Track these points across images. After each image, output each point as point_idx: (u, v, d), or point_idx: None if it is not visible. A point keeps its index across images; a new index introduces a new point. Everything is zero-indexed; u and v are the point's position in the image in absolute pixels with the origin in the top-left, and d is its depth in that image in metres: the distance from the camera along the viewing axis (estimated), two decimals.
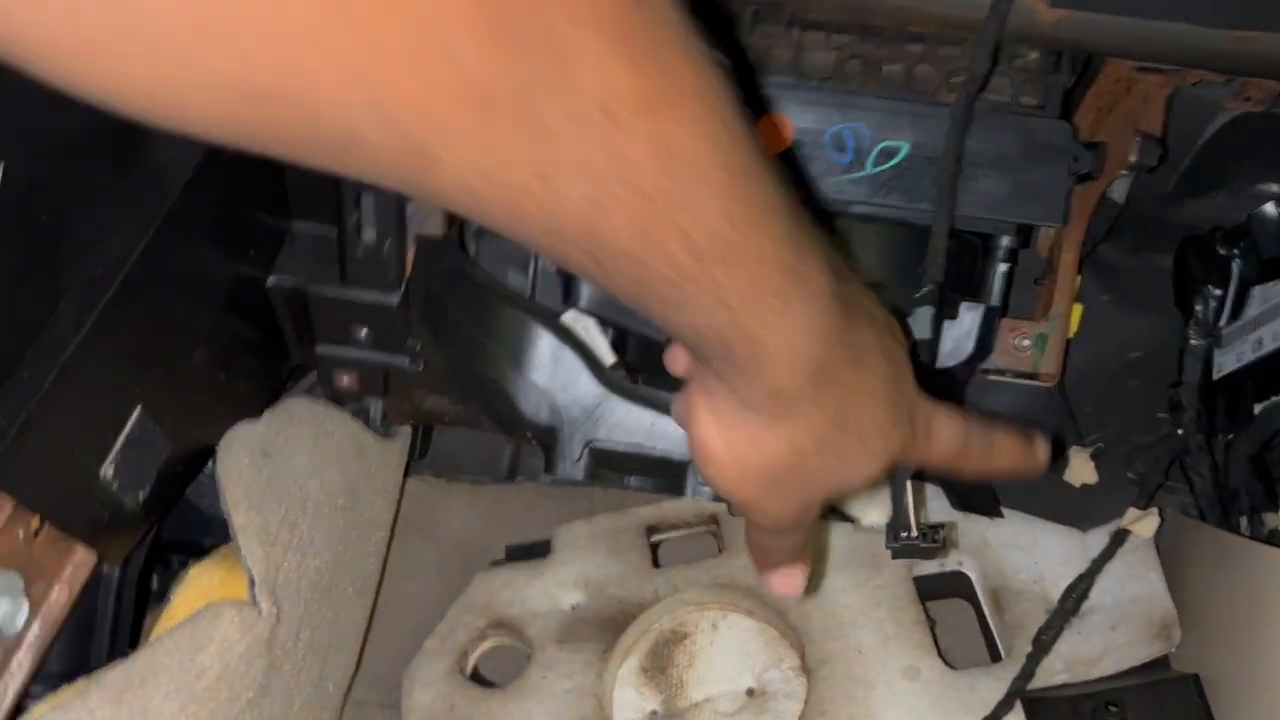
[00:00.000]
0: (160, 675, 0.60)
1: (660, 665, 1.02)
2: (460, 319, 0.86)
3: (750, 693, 0.99)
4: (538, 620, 1.02)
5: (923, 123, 0.88)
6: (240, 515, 0.69)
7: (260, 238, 0.76)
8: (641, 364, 0.97)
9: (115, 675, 0.59)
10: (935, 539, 0.72)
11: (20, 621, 0.63)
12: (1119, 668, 0.95)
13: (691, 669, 1.01)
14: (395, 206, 0.73)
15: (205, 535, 0.81)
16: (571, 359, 0.91)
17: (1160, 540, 0.99)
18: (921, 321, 0.80)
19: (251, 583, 0.68)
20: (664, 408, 0.92)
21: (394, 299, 0.76)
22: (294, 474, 0.77)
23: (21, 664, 0.63)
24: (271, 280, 0.76)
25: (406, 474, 1.07)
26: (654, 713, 0.99)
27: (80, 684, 0.60)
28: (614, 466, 0.93)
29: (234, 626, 0.64)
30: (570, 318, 0.95)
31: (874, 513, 1.05)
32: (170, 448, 0.69)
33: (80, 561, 0.64)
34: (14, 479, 0.58)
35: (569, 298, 0.94)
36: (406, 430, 1.01)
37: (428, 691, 0.99)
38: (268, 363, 0.83)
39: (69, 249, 0.60)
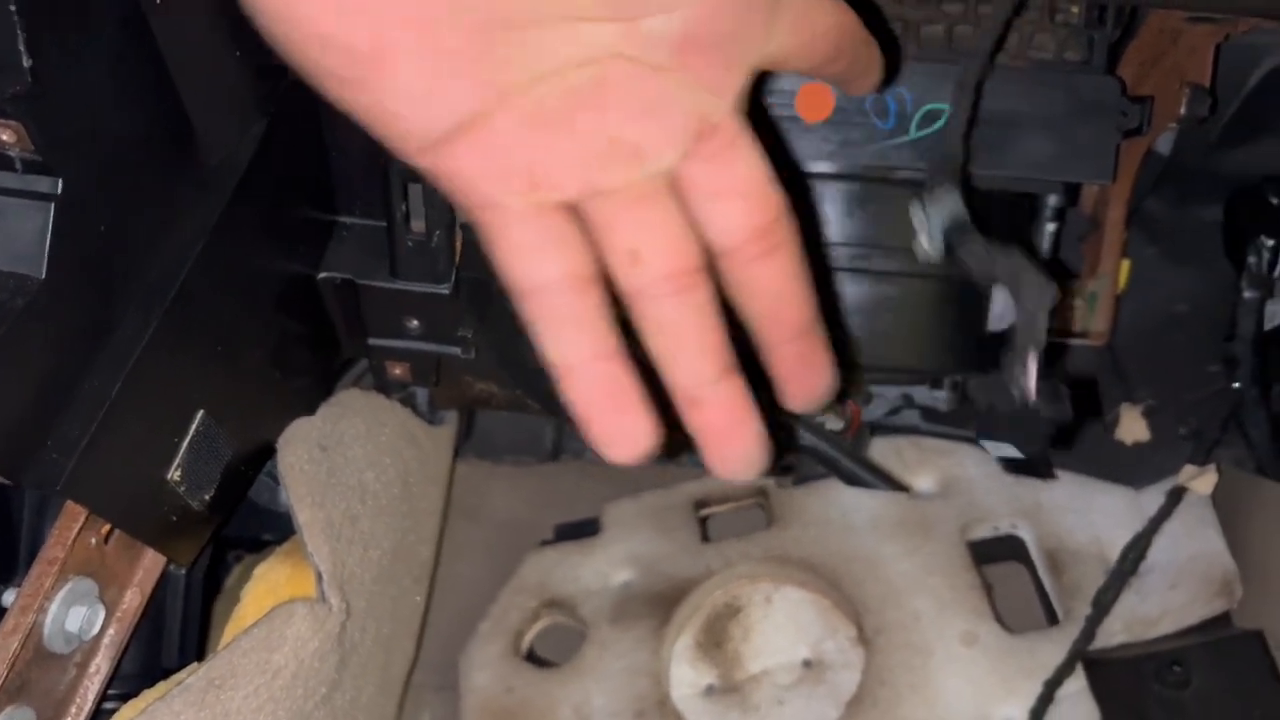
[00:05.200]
0: (239, 677, 0.60)
1: (715, 640, 1.02)
2: (507, 302, 0.85)
3: (807, 664, 0.99)
4: (590, 599, 1.02)
5: (965, 85, 0.86)
6: (305, 512, 0.69)
7: (309, 233, 0.76)
8: None
9: (196, 680, 0.60)
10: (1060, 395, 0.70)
11: (97, 626, 0.63)
12: (1179, 626, 0.94)
13: (747, 642, 1.01)
14: (443, 197, 0.72)
15: (262, 530, 0.82)
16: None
17: (1218, 496, 0.98)
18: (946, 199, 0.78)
19: (320, 579, 0.68)
20: None
21: (445, 289, 0.76)
22: (351, 467, 0.77)
23: (99, 668, 0.64)
24: (321, 275, 0.76)
25: (454, 458, 1.08)
26: (710, 687, 1.00)
27: (162, 687, 0.60)
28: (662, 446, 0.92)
29: (306, 624, 0.64)
30: None
31: (924, 480, 1.04)
32: (233, 448, 0.70)
33: (150, 565, 0.65)
34: (86, 488, 0.58)
35: None
36: (454, 415, 1.01)
37: (484, 673, 0.99)
38: (320, 357, 0.83)
39: (129, 258, 0.60)
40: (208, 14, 0.62)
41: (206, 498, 0.68)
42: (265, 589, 0.70)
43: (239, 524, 0.82)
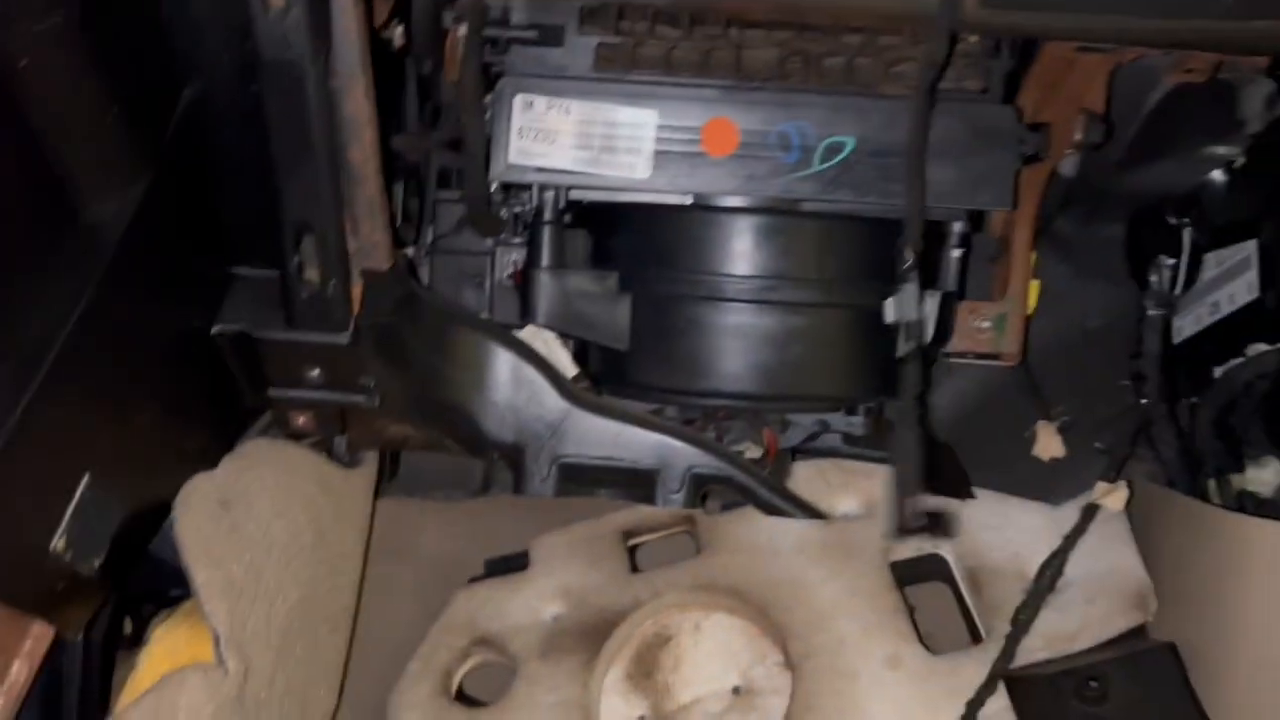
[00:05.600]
0: None
1: (646, 670, 1.02)
2: (416, 347, 0.85)
3: (736, 691, 1.00)
4: (520, 635, 1.02)
5: (867, 116, 0.88)
6: (201, 572, 0.68)
7: (202, 287, 0.75)
8: (604, 374, 0.97)
9: None
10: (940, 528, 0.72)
11: None
12: (1098, 640, 0.96)
13: (677, 672, 1.01)
14: (337, 245, 0.72)
15: (169, 585, 0.80)
16: (533, 375, 0.90)
17: (1132, 510, 1.00)
18: (907, 300, 0.79)
19: (217, 641, 0.67)
20: (629, 418, 0.92)
21: (343, 338, 0.75)
22: (256, 520, 0.76)
23: None
24: (216, 328, 0.75)
25: (377, 496, 1.07)
26: (642, 718, 1.00)
27: None
28: (583, 480, 0.92)
29: (199, 691, 0.63)
30: (529, 333, 0.94)
31: (847, 502, 1.05)
32: (124, 511, 0.68)
33: (39, 635, 0.63)
34: None
35: (527, 312, 0.93)
36: (373, 456, 1.00)
37: (414, 714, 0.98)
38: (220, 410, 0.82)
39: (3, 321, 0.58)
40: (80, 74, 0.61)
41: (96, 563, 0.67)
42: (163, 652, 0.68)
43: (146, 580, 0.80)
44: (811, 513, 0.95)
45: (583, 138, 0.89)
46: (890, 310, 0.76)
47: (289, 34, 0.63)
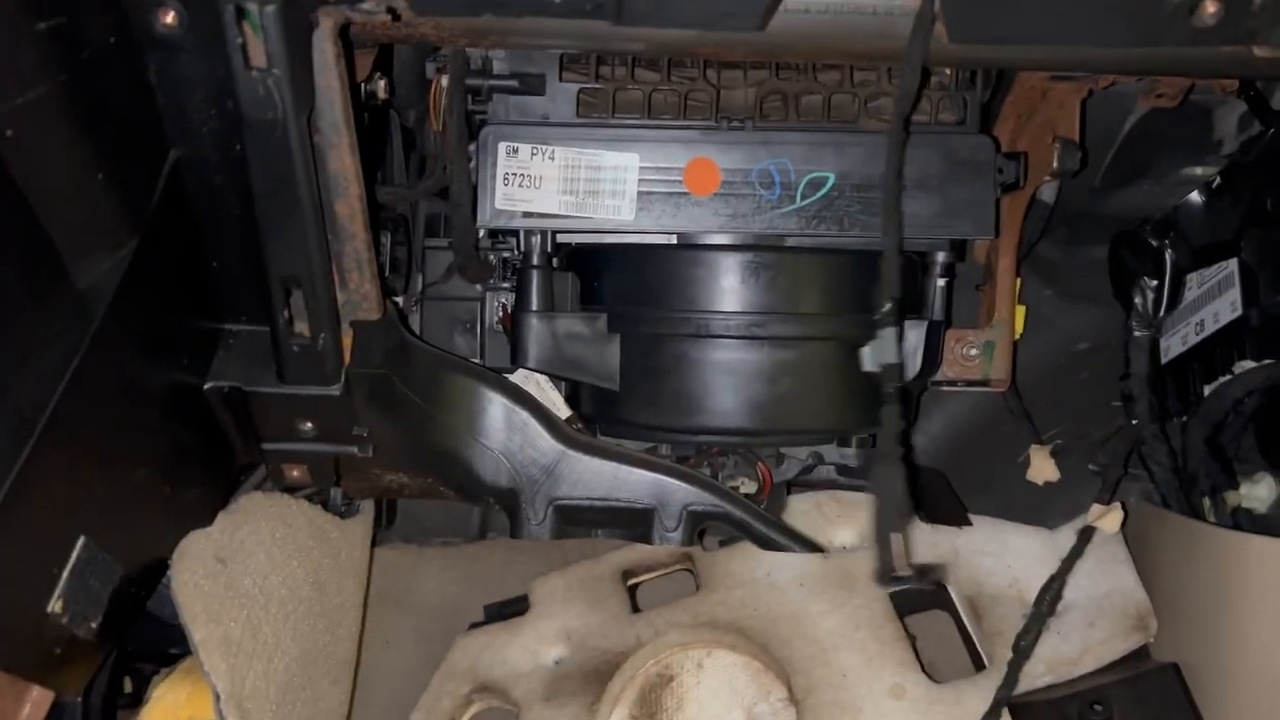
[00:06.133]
0: None
1: (649, 711, 1.01)
2: (408, 396, 0.85)
3: None
4: (522, 680, 1.01)
5: (846, 151, 0.89)
6: (200, 630, 0.68)
7: (193, 344, 0.75)
8: (597, 415, 0.97)
9: None
10: (931, 582, 0.73)
11: None
12: (1100, 663, 0.95)
13: (681, 711, 1.00)
14: (327, 298, 0.72)
15: (168, 644, 0.80)
16: (525, 419, 0.91)
17: (1128, 530, 1.00)
18: (885, 345, 0.80)
19: (217, 699, 0.67)
20: (623, 458, 0.92)
21: (335, 390, 0.76)
22: (253, 575, 0.76)
23: None
24: (208, 385, 0.76)
25: (374, 544, 1.06)
26: None
27: None
28: (580, 522, 0.93)
29: None
30: (520, 376, 0.95)
31: (845, 533, 1.05)
32: (121, 572, 0.68)
33: (37, 700, 0.63)
34: None
35: (517, 356, 0.94)
36: (369, 505, 1.01)
37: None
38: (214, 466, 0.82)
39: None
40: (66, 141, 0.62)
41: (94, 625, 0.67)
42: (163, 711, 0.68)
43: (145, 639, 0.80)
44: (809, 546, 0.95)
45: (567, 182, 0.90)
46: (867, 358, 0.76)
47: (271, 93, 0.64)
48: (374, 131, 0.95)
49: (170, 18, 0.64)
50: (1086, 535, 0.98)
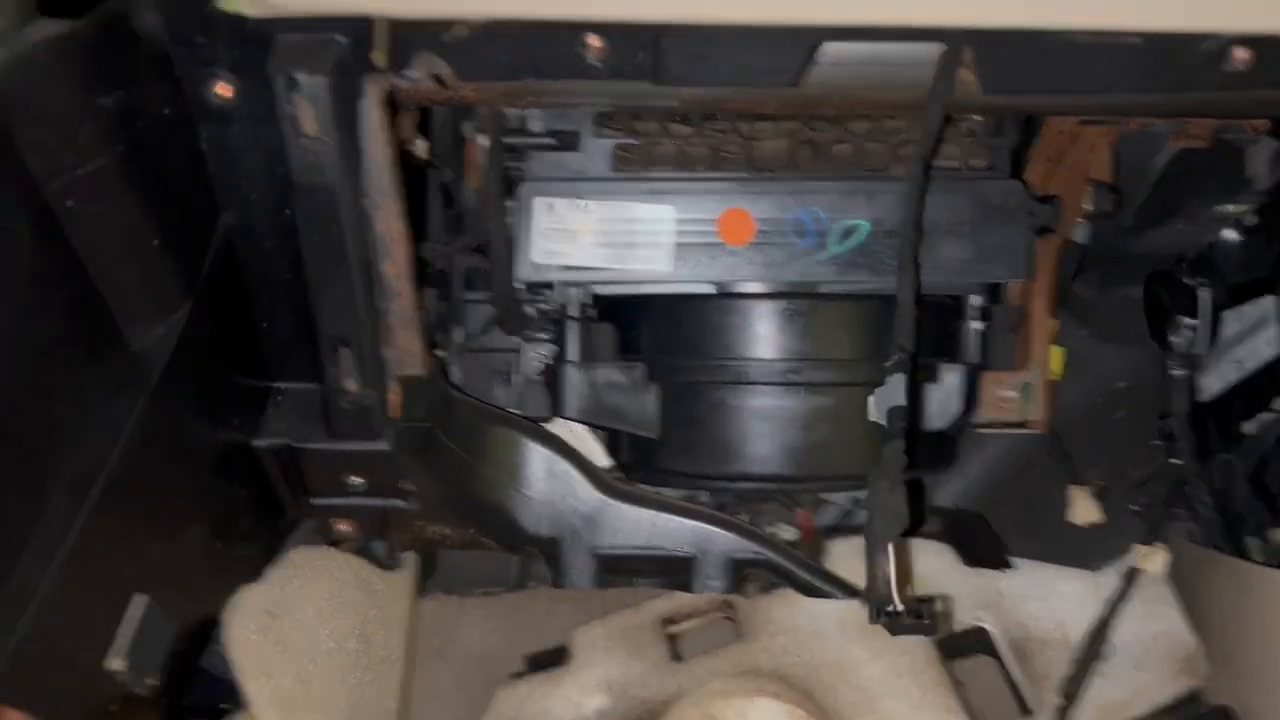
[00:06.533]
0: None
1: None
2: (451, 448, 0.86)
3: None
4: None
5: (878, 198, 0.90)
6: (252, 684, 0.69)
7: (244, 402, 0.77)
8: (636, 463, 0.98)
9: None
10: (925, 614, 0.72)
11: None
12: (1151, 707, 0.94)
13: None
14: (375, 356, 0.74)
15: (219, 699, 0.81)
16: (566, 469, 0.91)
17: (1174, 571, 0.99)
18: (895, 389, 0.81)
19: None
20: (663, 506, 0.92)
21: (383, 445, 0.77)
22: (302, 629, 0.77)
23: None
24: (259, 442, 0.77)
25: (417, 595, 1.07)
26: None
27: None
28: (621, 570, 0.93)
29: None
30: (560, 426, 0.96)
31: None
32: (176, 628, 0.70)
33: None
34: (17, 690, 0.58)
35: (557, 407, 0.95)
36: (412, 556, 1.01)
37: None
38: (264, 522, 0.83)
39: (55, 451, 0.61)
40: (124, 209, 0.64)
41: (151, 682, 0.68)
42: None
43: (196, 694, 0.81)
44: (853, 592, 0.95)
45: (604, 235, 0.91)
46: (872, 408, 0.76)
47: (322, 160, 0.66)
48: (414, 190, 0.97)
49: (223, 89, 0.66)
50: (1131, 577, 0.97)
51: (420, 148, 0.85)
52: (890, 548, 0.68)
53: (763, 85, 0.68)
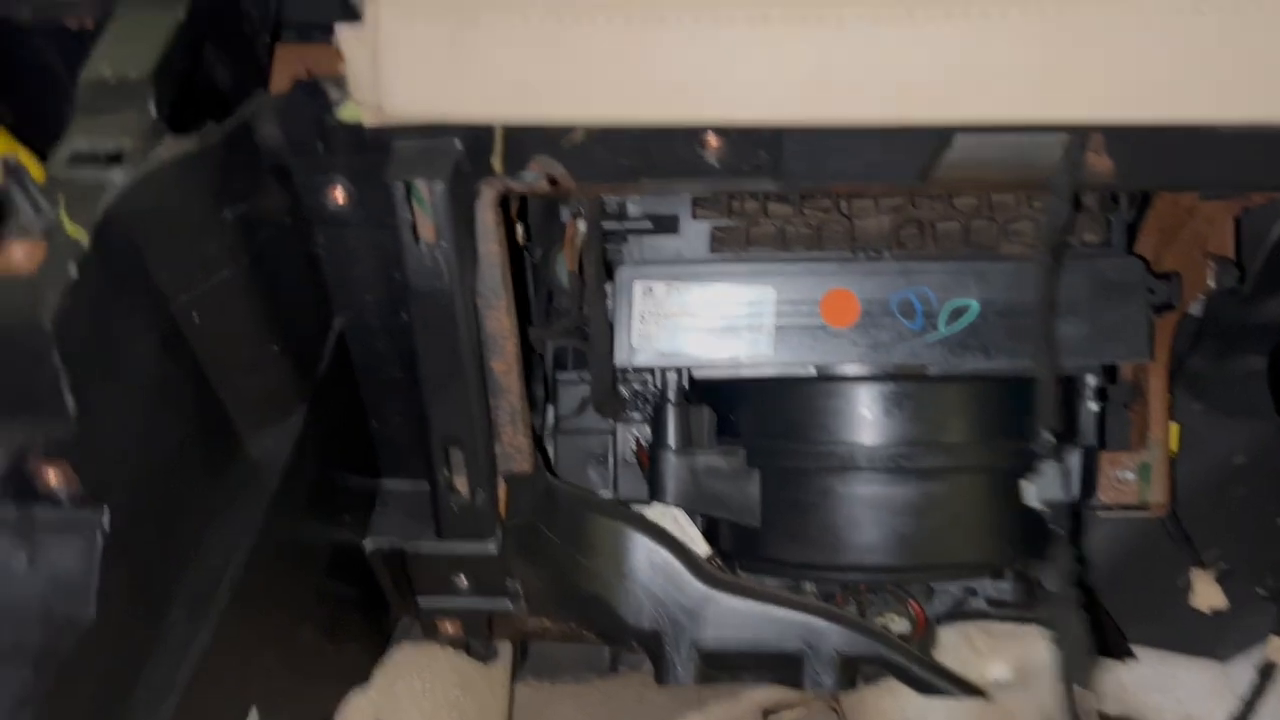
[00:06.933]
0: None
1: None
2: (554, 540, 0.85)
3: None
4: None
5: (988, 278, 0.87)
6: None
7: (354, 502, 0.76)
8: (737, 551, 0.95)
9: None
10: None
11: None
12: None
13: None
14: (486, 455, 0.73)
15: None
16: (667, 559, 0.89)
17: None
18: (1049, 480, 0.77)
19: None
20: (769, 598, 0.89)
21: (492, 547, 0.75)
22: None
23: None
24: (369, 544, 0.76)
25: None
26: None
27: None
28: (725, 666, 0.90)
29: None
30: (658, 512, 0.93)
31: (997, 667, 1.00)
32: None
33: None
34: None
35: (656, 493, 0.93)
36: (508, 646, 0.99)
37: None
38: (372, 623, 0.82)
39: (177, 570, 0.60)
40: (245, 319, 0.64)
41: None
42: None
43: None
44: (969, 689, 0.91)
45: (703, 319, 0.90)
46: (1031, 494, 0.73)
47: (438, 264, 0.65)
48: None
49: (341, 195, 0.66)
50: (1268, 673, 0.91)
51: (518, 234, 0.84)
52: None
53: (888, 180, 0.66)
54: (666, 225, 0.91)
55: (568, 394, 1.03)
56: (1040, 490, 0.74)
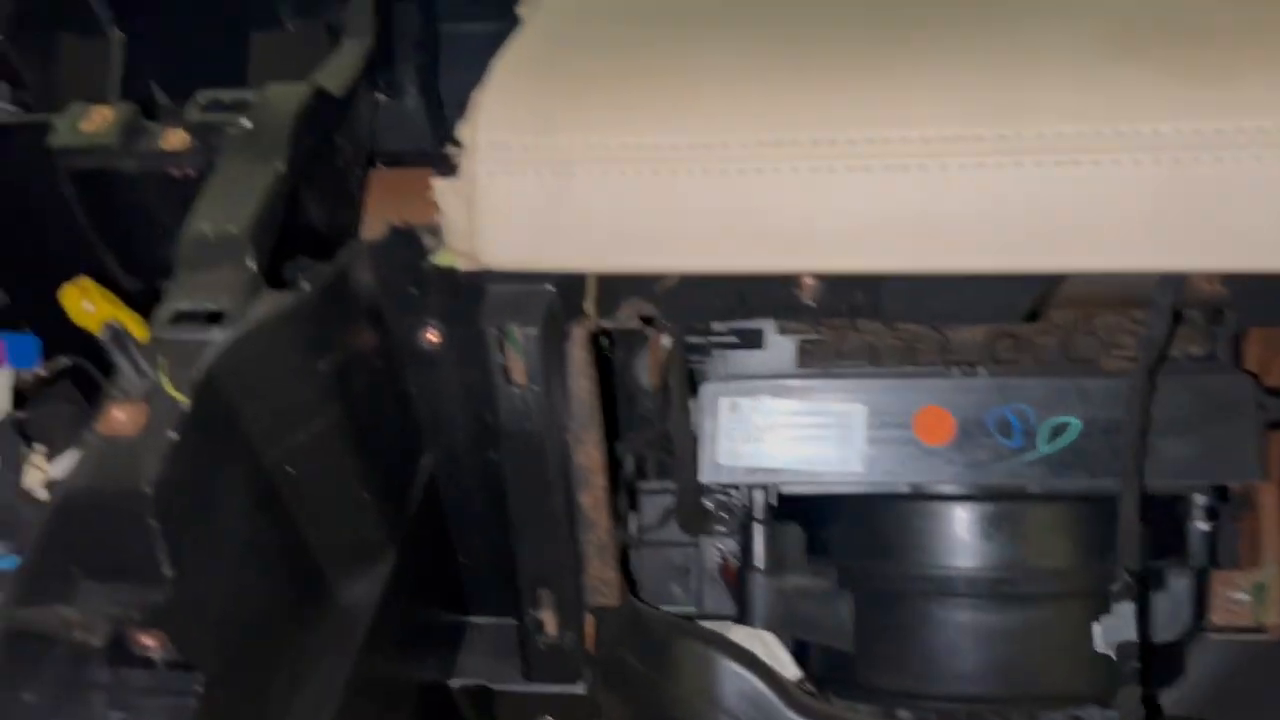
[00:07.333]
0: None
1: None
2: (640, 669, 0.82)
3: None
4: None
5: (1091, 395, 0.84)
6: None
7: (440, 641, 0.75)
8: (828, 676, 0.92)
9: None
10: None
11: None
12: None
13: None
14: (575, 593, 0.71)
15: None
16: (760, 688, 0.86)
17: None
18: (1124, 620, 0.73)
19: None
20: None
21: (579, 688, 0.74)
22: None
23: None
24: (456, 683, 0.75)
25: None
26: None
27: None
28: None
29: None
30: (746, 635, 0.91)
31: None
32: None
33: None
34: None
35: (743, 614, 0.90)
36: None
37: None
38: None
39: (264, 719, 0.59)
40: (338, 465, 0.64)
41: None
42: None
43: None
44: None
45: (790, 435, 0.88)
46: (1098, 637, 0.69)
47: (530, 406, 0.64)
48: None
49: (433, 335, 0.66)
50: None
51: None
52: None
53: (992, 321, 0.64)
54: (751, 340, 0.89)
55: (650, 504, 1.01)
56: (1109, 633, 0.70)
